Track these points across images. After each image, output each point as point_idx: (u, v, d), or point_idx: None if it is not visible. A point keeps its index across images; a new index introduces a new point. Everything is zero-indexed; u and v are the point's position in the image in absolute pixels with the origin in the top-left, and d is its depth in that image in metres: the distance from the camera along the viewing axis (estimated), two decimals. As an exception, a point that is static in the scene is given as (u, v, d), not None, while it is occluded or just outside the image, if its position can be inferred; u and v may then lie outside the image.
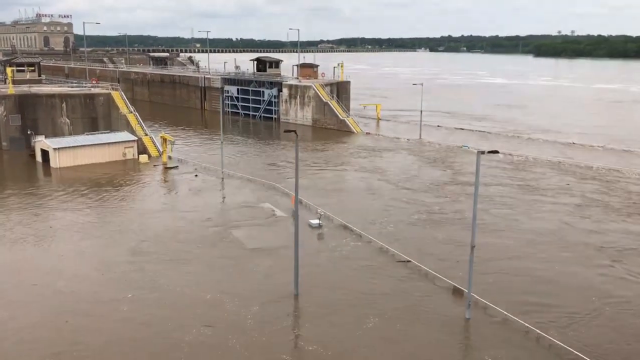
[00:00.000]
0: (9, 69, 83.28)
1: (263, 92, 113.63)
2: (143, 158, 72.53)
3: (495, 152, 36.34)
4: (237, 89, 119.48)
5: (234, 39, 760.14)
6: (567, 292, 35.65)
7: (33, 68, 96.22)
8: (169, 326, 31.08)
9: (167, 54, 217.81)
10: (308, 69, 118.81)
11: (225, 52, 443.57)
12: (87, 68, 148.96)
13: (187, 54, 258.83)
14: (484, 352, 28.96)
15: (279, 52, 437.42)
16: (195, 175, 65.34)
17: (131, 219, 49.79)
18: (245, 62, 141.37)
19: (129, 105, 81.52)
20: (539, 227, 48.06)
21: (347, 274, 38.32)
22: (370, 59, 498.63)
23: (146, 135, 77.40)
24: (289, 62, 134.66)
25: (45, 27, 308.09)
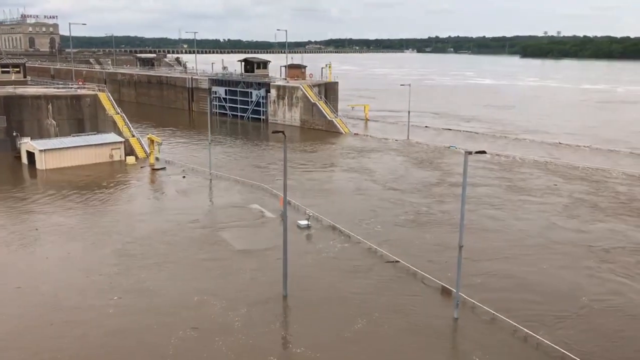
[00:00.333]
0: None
1: (251, 93, 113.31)
2: (130, 160, 72.03)
3: (483, 152, 36.76)
4: (225, 90, 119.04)
5: (221, 40, 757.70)
6: (555, 291, 35.76)
7: (18, 69, 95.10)
8: (155, 329, 30.78)
9: (154, 55, 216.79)
10: (296, 70, 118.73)
11: (213, 53, 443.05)
12: (73, 69, 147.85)
13: (175, 55, 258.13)
14: (472, 351, 28.95)
15: (266, 53, 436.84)
16: (183, 177, 64.99)
17: (117, 221, 49.33)
18: (233, 63, 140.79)
19: (116, 106, 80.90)
20: (526, 227, 48.23)
21: (335, 274, 38.21)
22: (358, 60, 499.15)
23: (133, 136, 76.85)
24: (276, 63, 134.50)
25: (30, 28, 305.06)
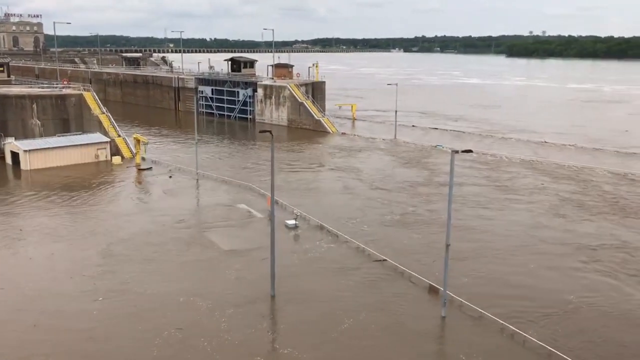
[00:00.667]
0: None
1: (238, 92, 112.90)
2: (116, 160, 71.47)
3: (469, 151, 36.91)
4: (212, 89, 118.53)
5: (207, 39, 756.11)
6: (543, 290, 35.92)
7: (2, 68, 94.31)
8: (139, 329, 30.53)
9: (140, 54, 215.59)
10: (283, 69, 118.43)
11: (199, 52, 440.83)
12: (58, 68, 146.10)
13: (161, 54, 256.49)
14: (460, 349, 28.99)
15: (253, 52, 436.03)
16: (170, 177, 64.57)
17: (103, 221, 48.89)
18: (219, 63, 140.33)
19: (102, 106, 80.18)
20: (513, 226, 48.42)
21: (323, 274, 38.12)
22: (345, 59, 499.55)
23: (119, 136, 76.23)
24: (263, 62, 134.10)
25: (14, 27, 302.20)
